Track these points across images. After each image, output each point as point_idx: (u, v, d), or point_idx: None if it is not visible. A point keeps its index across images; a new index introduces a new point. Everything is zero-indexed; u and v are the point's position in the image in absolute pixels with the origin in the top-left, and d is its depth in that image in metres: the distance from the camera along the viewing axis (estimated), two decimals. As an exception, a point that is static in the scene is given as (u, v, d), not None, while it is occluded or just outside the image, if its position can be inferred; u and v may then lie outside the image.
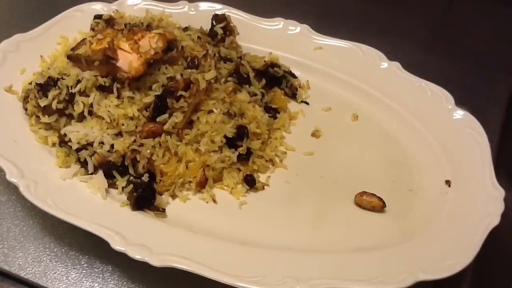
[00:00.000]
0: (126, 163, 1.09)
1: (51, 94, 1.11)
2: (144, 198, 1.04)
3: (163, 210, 1.06)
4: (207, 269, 0.91)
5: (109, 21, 1.31)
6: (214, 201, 1.10)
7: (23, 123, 1.15)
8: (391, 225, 1.06)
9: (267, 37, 1.40)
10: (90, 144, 1.09)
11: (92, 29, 1.30)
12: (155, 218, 1.03)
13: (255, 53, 1.36)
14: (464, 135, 1.17)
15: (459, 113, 1.21)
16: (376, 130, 1.26)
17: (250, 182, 1.12)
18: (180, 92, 1.11)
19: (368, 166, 1.18)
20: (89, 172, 1.08)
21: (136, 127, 1.12)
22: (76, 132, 1.10)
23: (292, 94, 1.34)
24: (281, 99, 1.31)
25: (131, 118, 1.12)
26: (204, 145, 1.12)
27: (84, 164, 1.09)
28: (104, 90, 1.13)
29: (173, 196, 1.10)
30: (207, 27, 1.35)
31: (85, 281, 0.99)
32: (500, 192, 1.05)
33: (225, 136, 1.14)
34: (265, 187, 1.13)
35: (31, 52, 1.26)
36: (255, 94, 1.25)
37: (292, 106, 1.32)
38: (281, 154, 1.19)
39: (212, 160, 1.11)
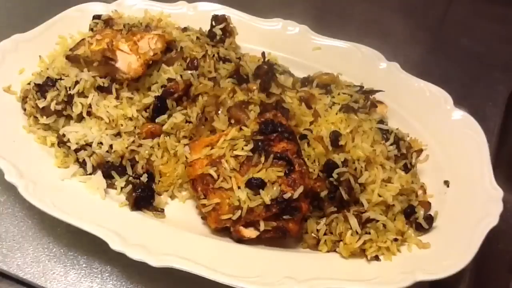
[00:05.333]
0: (124, 164, 1.09)
1: (49, 95, 1.11)
2: (143, 199, 1.04)
3: (162, 211, 1.05)
4: (205, 269, 0.91)
5: (108, 21, 1.30)
6: (213, 201, 1.10)
7: (22, 123, 1.15)
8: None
9: (266, 38, 1.40)
10: (89, 144, 1.09)
11: (91, 29, 1.30)
12: (154, 219, 1.03)
13: (254, 53, 1.35)
14: (463, 135, 1.17)
15: (458, 114, 1.21)
16: (375, 130, 1.25)
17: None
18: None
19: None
20: (88, 173, 1.08)
21: (135, 127, 1.12)
22: (75, 132, 1.10)
23: (291, 94, 1.33)
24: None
25: (130, 119, 1.12)
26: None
27: (83, 164, 1.09)
28: (103, 90, 1.13)
29: (172, 197, 1.10)
30: (206, 27, 1.35)
31: (84, 281, 0.99)
32: (499, 192, 1.05)
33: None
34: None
35: (30, 52, 1.26)
36: (255, 95, 1.25)
37: (291, 106, 1.32)
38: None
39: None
